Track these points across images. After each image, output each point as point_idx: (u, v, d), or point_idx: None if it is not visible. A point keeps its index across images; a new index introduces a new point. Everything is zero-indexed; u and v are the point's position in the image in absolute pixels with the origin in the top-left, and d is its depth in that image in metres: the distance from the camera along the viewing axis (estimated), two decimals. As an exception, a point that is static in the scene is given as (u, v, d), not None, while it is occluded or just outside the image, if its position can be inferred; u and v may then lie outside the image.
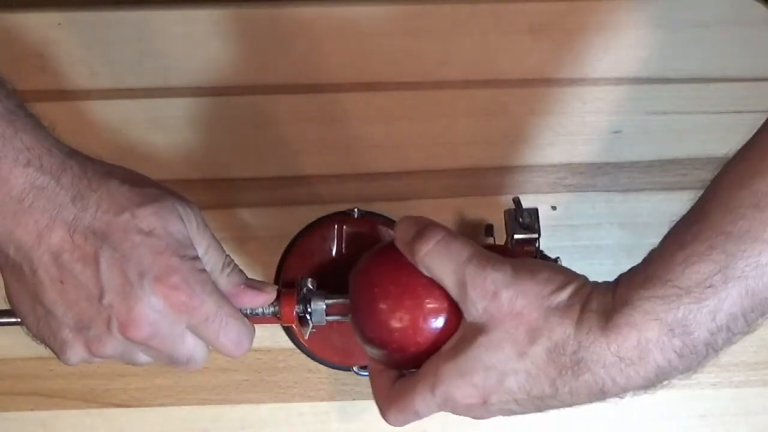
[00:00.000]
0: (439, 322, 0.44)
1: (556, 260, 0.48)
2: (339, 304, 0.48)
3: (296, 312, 0.47)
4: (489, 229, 0.55)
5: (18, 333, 0.43)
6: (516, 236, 0.48)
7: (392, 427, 0.56)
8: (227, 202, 0.59)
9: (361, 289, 0.46)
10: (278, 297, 0.47)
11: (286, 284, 0.54)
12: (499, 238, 0.52)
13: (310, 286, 0.48)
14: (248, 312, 0.46)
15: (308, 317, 0.47)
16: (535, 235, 0.48)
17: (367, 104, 0.61)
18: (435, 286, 0.43)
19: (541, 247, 0.50)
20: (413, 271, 0.44)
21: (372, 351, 0.46)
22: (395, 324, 0.44)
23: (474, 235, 0.58)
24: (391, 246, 0.45)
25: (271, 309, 0.46)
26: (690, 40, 0.62)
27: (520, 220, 0.49)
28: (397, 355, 0.45)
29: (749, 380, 0.57)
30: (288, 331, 0.57)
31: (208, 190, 0.59)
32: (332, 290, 0.48)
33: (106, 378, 0.57)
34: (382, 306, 0.44)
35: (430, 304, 0.44)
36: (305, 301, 0.47)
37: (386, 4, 0.62)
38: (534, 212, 0.49)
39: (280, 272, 0.58)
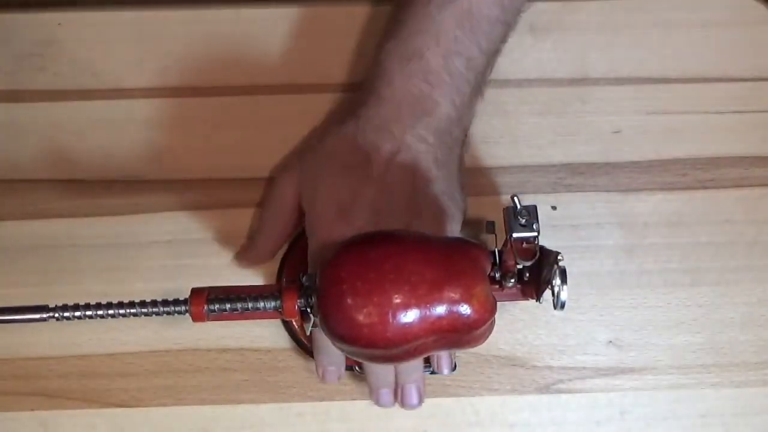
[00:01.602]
0: (408, 317, 0.44)
1: (557, 255, 0.48)
2: None
3: (298, 306, 0.47)
4: (490, 226, 0.55)
5: (19, 333, 0.43)
6: (515, 234, 0.48)
7: (391, 427, 0.56)
8: (227, 202, 0.59)
9: (329, 286, 0.45)
10: (280, 291, 0.47)
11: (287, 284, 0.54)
12: (500, 236, 0.52)
13: (311, 280, 0.48)
14: (250, 306, 0.46)
15: (309, 311, 0.47)
16: (534, 233, 0.48)
17: (367, 104, 0.61)
18: (405, 281, 0.44)
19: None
20: (382, 267, 0.44)
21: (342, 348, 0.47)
22: (363, 320, 0.44)
23: (474, 234, 0.58)
24: (357, 242, 0.46)
25: (273, 303, 0.46)
26: (690, 40, 0.62)
27: (519, 217, 0.48)
28: (366, 350, 0.45)
29: (750, 380, 0.57)
30: (289, 330, 0.57)
31: (208, 190, 0.59)
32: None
33: (106, 378, 0.56)
34: (350, 302, 0.44)
35: (399, 300, 0.44)
36: (307, 295, 0.47)
37: (386, 4, 0.62)
38: (533, 209, 0.49)
39: (282, 272, 0.57)
